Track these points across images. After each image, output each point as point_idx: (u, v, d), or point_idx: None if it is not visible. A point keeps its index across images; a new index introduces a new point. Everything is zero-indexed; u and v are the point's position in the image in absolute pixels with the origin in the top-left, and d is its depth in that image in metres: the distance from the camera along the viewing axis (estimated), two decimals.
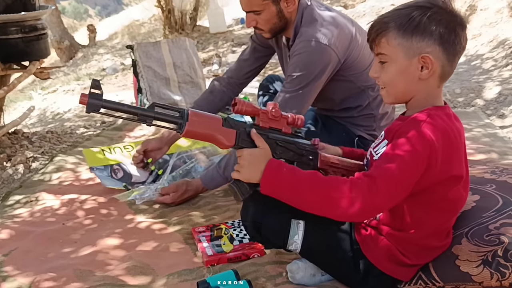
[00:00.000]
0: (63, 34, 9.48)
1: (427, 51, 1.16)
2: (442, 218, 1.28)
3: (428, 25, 1.15)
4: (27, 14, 2.91)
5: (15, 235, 1.92)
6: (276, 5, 1.80)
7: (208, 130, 1.24)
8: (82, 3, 45.01)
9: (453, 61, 1.19)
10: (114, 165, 2.27)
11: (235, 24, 9.00)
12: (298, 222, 1.34)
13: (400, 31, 1.16)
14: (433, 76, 1.19)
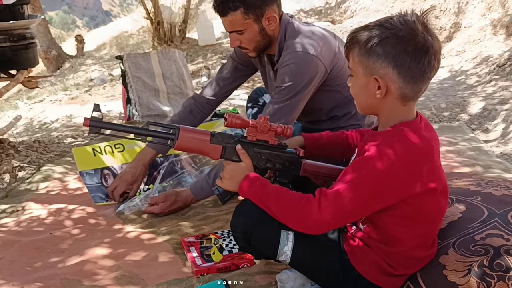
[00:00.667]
0: (51, 44, 9.44)
1: (381, 73, 1.18)
2: (424, 229, 1.29)
3: (384, 47, 1.16)
4: (16, 23, 2.92)
5: (0, 244, 1.89)
6: (258, 24, 1.84)
7: (196, 146, 1.44)
8: (70, 14, 44.91)
9: (414, 84, 1.19)
10: (105, 170, 2.26)
11: (224, 37, 9.06)
12: (288, 233, 1.35)
13: (362, 49, 1.20)
14: (390, 97, 1.21)
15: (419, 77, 1.18)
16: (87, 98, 5.87)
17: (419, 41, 1.16)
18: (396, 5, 7.32)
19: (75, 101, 5.77)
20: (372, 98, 1.22)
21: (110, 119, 4.27)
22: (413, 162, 1.18)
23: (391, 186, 1.18)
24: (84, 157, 2.27)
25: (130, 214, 2.07)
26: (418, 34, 1.16)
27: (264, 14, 1.83)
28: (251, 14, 1.81)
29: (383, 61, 1.17)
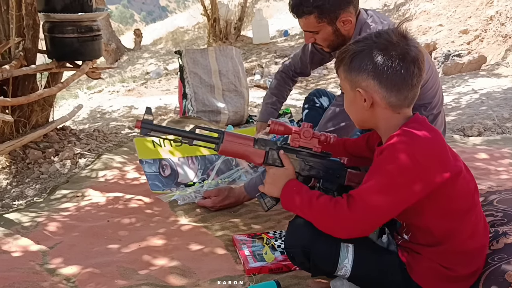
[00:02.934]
0: (111, 37, 9.77)
1: (363, 85, 1.24)
2: (465, 216, 1.25)
3: (362, 61, 1.22)
4: (84, 15, 3.01)
5: (61, 227, 1.96)
6: (332, 25, 1.83)
7: (239, 150, 1.46)
8: (129, 8, 46.31)
9: (397, 91, 1.22)
10: (163, 161, 2.30)
11: (279, 36, 9.06)
12: (347, 245, 1.32)
13: (346, 66, 1.27)
14: (379, 107, 1.25)
15: (400, 85, 1.22)
16: (143, 91, 6.04)
17: (395, 50, 1.21)
18: (459, 10, 7.05)
19: (132, 93, 5.95)
20: (362, 111, 1.27)
21: (166, 112, 4.37)
22: (430, 152, 1.19)
23: (414, 178, 1.17)
24: (144, 147, 2.32)
25: (183, 204, 2.10)
26: (393, 43, 1.22)
27: (339, 17, 1.81)
28: (324, 18, 1.81)
29: (363, 74, 1.23)
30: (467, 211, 1.25)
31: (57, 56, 3.06)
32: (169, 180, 2.27)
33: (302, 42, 8.20)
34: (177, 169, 2.29)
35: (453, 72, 5.61)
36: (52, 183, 2.56)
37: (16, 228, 1.95)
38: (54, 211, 2.13)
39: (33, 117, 3.05)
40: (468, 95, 4.41)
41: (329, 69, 6.07)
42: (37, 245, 1.81)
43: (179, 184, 2.26)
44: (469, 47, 6.18)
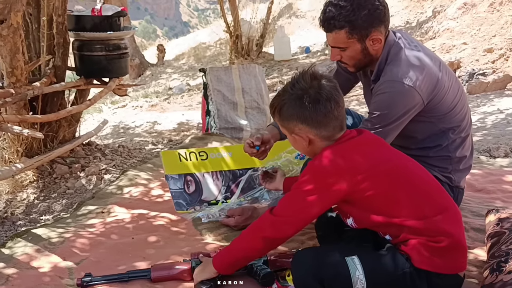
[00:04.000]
0: (135, 52, 9.95)
1: (295, 130, 1.44)
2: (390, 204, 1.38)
3: (287, 111, 1.43)
4: (112, 34, 3.08)
5: (87, 244, 1.99)
6: (362, 43, 1.79)
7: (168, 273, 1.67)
8: (152, 24, 47.15)
9: (324, 126, 1.41)
10: (188, 176, 2.31)
11: (300, 52, 9.11)
12: (352, 258, 1.37)
13: (277, 117, 1.48)
14: (316, 142, 1.43)
15: (325, 121, 1.40)
16: (166, 106, 6.12)
17: (309, 96, 1.39)
18: (483, 28, 6.99)
19: (155, 108, 6.04)
20: (306, 148, 1.46)
21: (188, 128, 4.42)
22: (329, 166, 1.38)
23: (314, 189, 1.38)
24: (171, 161, 2.33)
25: (207, 221, 2.11)
26: (307, 90, 1.40)
27: (369, 35, 1.78)
28: (355, 34, 1.77)
29: (292, 121, 1.43)
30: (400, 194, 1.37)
31: (86, 73, 3.13)
32: (193, 198, 2.28)
33: (324, 59, 8.23)
34: (202, 186, 2.30)
35: (478, 91, 5.55)
36: (78, 198, 2.60)
37: (44, 243, 1.99)
38: (81, 227, 2.16)
39: (60, 132, 3.11)
40: (493, 115, 4.35)
41: None
42: (64, 261, 1.84)
43: (203, 202, 2.27)
44: (494, 66, 6.10)
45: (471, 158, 2.04)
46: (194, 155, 2.37)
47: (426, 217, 1.36)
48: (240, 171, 2.37)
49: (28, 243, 2.00)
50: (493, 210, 1.86)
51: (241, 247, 1.49)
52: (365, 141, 1.45)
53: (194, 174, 2.32)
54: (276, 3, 11.91)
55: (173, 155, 2.36)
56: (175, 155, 2.35)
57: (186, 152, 2.38)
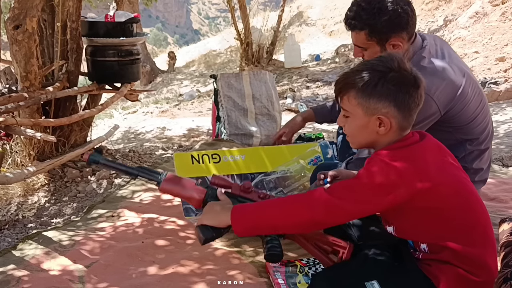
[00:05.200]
0: (146, 59, 10.04)
1: (383, 112, 1.29)
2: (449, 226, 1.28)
3: (384, 89, 1.28)
4: (125, 40, 3.11)
5: (97, 247, 2.00)
6: (381, 46, 1.80)
7: (182, 195, 1.49)
8: (163, 31, 47.59)
9: (409, 116, 1.32)
10: (199, 179, 2.29)
11: (310, 60, 9.12)
12: (371, 283, 1.29)
13: (359, 92, 1.30)
14: (391, 131, 1.31)
15: (413, 109, 1.32)
16: (176, 112, 6.15)
17: (411, 78, 1.30)
18: (495, 37, 6.96)
19: (165, 114, 6.07)
20: (372, 135, 1.33)
21: (198, 134, 4.43)
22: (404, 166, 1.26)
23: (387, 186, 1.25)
24: (184, 163, 2.31)
25: None
26: (408, 72, 1.30)
27: (389, 40, 1.79)
28: (374, 37, 1.79)
29: (385, 101, 1.29)
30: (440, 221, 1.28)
31: (98, 78, 3.16)
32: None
33: (334, 67, 8.24)
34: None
35: (490, 100, 5.51)
36: (89, 202, 2.62)
37: (55, 246, 2.00)
38: (91, 230, 2.17)
39: (72, 136, 3.14)
40: (506, 124, 4.32)
41: None
42: (74, 264, 1.85)
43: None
44: (506, 74, 6.06)
45: (487, 171, 2.01)
46: (207, 157, 2.35)
47: (475, 246, 1.28)
48: (252, 175, 2.36)
49: (39, 245, 2.02)
50: (506, 219, 1.83)
51: (275, 215, 1.32)
52: (430, 147, 1.35)
53: (206, 178, 2.31)
54: (287, 11, 11.97)
55: (186, 157, 2.34)
56: (187, 157, 2.34)
57: (199, 154, 2.36)
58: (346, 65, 7.70)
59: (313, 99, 5.96)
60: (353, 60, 7.91)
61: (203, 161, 2.32)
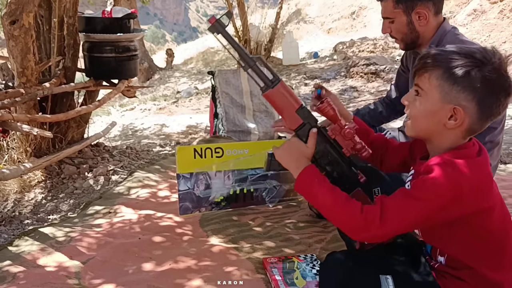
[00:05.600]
0: (144, 56, 10.01)
1: (462, 104, 1.15)
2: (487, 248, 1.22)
3: (474, 80, 1.13)
4: (122, 36, 3.10)
5: (94, 243, 1.99)
6: (407, 16, 1.85)
7: (282, 104, 1.34)
8: (161, 29, 47.52)
9: (484, 122, 1.18)
10: (200, 175, 2.29)
11: (308, 57, 9.11)
12: (386, 277, 1.28)
13: (446, 74, 1.15)
14: (459, 129, 1.18)
15: (493, 116, 1.18)
16: (174, 109, 6.14)
17: (505, 82, 1.15)
18: (493, 35, 6.96)
19: (163, 111, 6.06)
20: (436, 125, 1.19)
21: (196, 131, 4.42)
22: (475, 181, 1.14)
23: (450, 203, 1.14)
24: (186, 157, 2.28)
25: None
26: (504, 75, 1.15)
27: (415, 8, 1.83)
28: (401, 4, 1.84)
29: (470, 94, 1.14)
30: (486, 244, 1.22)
31: (95, 74, 3.15)
32: (201, 199, 2.27)
33: (332, 64, 8.23)
34: (212, 186, 2.28)
35: None
36: (86, 199, 2.61)
37: (51, 242, 1.99)
38: (87, 227, 2.16)
39: (69, 133, 3.13)
40: None
41: (359, 91, 6.05)
42: (70, 260, 1.84)
43: (211, 203, 2.27)
44: None
45: (495, 170, 2.00)
46: (210, 151, 2.31)
47: (499, 271, 1.22)
48: (254, 170, 2.35)
49: (35, 241, 2.01)
50: None
51: (327, 210, 1.25)
52: (488, 161, 1.22)
53: (206, 173, 2.30)
54: (285, 9, 11.94)
55: (189, 151, 2.31)
56: (190, 151, 2.30)
57: (202, 148, 2.32)
58: (344, 62, 7.68)
59: (311, 96, 5.95)
60: (351, 58, 7.90)
61: (205, 156, 2.30)
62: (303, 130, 1.35)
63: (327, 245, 1.95)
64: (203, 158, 2.29)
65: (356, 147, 1.35)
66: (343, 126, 1.33)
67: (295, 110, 1.34)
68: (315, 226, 2.14)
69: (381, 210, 1.16)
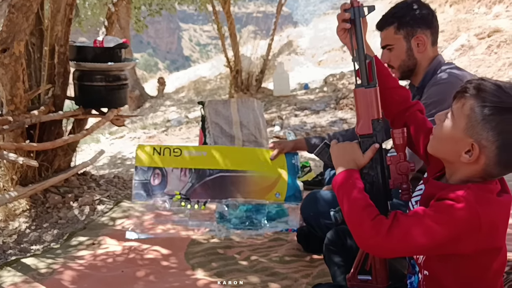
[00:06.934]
0: (135, 84, 10.06)
1: (482, 143, 1.09)
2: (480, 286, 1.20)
3: (503, 125, 1.07)
4: (113, 65, 3.11)
5: (76, 276, 1.95)
6: (407, 42, 1.92)
7: (363, 107, 1.34)
8: (154, 57, 47.97)
9: (503, 169, 1.12)
10: (157, 169, 2.35)
11: (299, 88, 9.21)
12: None
13: (479, 107, 1.09)
14: (473, 166, 1.12)
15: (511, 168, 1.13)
16: (164, 138, 6.13)
17: None
18: (481, 70, 7.11)
19: (152, 140, 6.04)
20: (454, 155, 1.15)
21: None
22: (492, 218, 1.11)
23: (466, 235, 1.10)
24: (145, 154, 2.38)
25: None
26: None
27: (415, 35, 1.90)
28: (402, 30, 1.91)
29: (493, 136, 1.08)
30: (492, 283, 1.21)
31: (84, 103, 3.14)
32: (156, 189, 2.31)
33: (322, 95, 8.33)
34: (167, 179, 2.35)
35: None
36: (70, 229, 2.56)
37: (33, 274, 1.95)
38: (70, 258, 2.12)
39: (56, 161, 3.10)
40: None
41: (349, 123, 6.10)
42: None
43: (165, 194, 2.31)
44: None
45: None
46: (168, 151, 2.42)
47: None
48: (210, 171, 2.39)
49: (17, 272, 1.97)
50: None
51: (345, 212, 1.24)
52: (508, 206, 1.18)
53: (163, 168, 2.34)
54: (277, 40, 12.14)
55: (147, 148, 2.41)
56: (149, 149, 2.40)
57: (162, 147, 2.43)
58: (334, 94, 7.77)
59: (301, 127, 5.99)
60: (341, 90, 8.00)
61: (164, 154, 2.36)
62: (367, 141, 1.34)
63: (313, 280, 1.92)
64: (161, 156, 2.35)
65: (402, 185, 1.33)
66: (404, 159, 1.32)
67: (372, 118, 1.34)
68: (302, 260, 2.11)
69: (392, 223, 1.14)
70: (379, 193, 1.35)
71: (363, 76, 1.34)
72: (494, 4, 10.23)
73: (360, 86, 1.34)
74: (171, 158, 2.41)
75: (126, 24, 10.46)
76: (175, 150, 2.44)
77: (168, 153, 2.42)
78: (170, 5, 11.15)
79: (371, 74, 1.34)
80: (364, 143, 1.34)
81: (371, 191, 1.32)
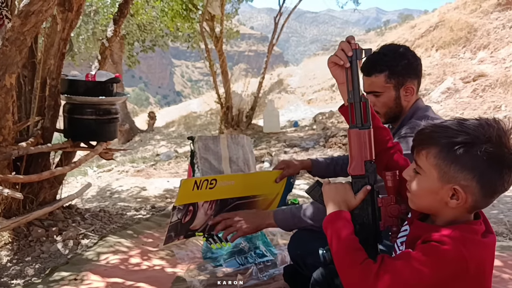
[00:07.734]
0: (125, 118, 10.07)
1: (462, 184, 1.10)
2: None
3: (473, 160, 1.08)
4: (104, 99, 3.12)
5: None
6: (396, 91, 1.89)
7: (356, 148, 1.35)
8: (145, 91, 48.32)
9: (490, 198, 1.14)
10: (191, 206, 2.14)
11: (289, 126, 9.29)
12: None
13: (442, 153, 1.11)
14: (463, 206, 1.14)
15: (498, 193, 1.13)
16: (152, 172, 6.09)
17: (507, 158, 1.09)
18: (466, 112, 7.26)
19: (140, 173, 6.00)
20: (439, 204, 1.15)
21: (173, 196, 4.37)
22: (479, 260, 1.11)
23: (453, 278, 1.09)
24: (186, 190, 2.13)
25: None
26: (506, 150, 1.10)
27: (405, 84, 1.88)
28: (393, 79, 1.87)
29: (469, 173, 1.09)
30: None
31: (74, 136, 3.13)
32: (183, 227, 2.16)
33: (311, 133, 8.40)
34: (197, 215, 2.18)
35: None
36: (52, 264, 2.50)
37: None
38: None
39: (41, 194, 3.05)
40: None
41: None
42: None
43: (189, 230, 2.18)
44: None
45: None
46: (206, 183, 2.19)
47: None
48: (231, 200, 2.28)
49: None
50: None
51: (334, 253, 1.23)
52: (492, 247, 1.18)
53: (196, 204, 2.20)
54: (267, 79, 12.34)
55: (190, 183, 2.16)
56: (191, 183, 2.15)
57: (202, 179, 2.20)
58: (323, 132, 7.85)
59: None
60: (330, 128, 8.09)
61: (201, 187, 2.21)
62: (360, 182, 1.35)
63: None
64: (199, 190, 2.21)
65: (392, 228, 1.34)
66: (395, 202, 1.33)
67: (365, 159, 1.35)
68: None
69: (379, 267, 1.13)
70: (369, 234, 1.34)
71: (357, 117, 1.35)
72: (479, 50, 10.56)
73: (354, 127, 1.35)
74: (206, 191, 2.20)
75: (119, 59, 10.59)
76: (211, 182, 2.24)
77: (205, 186, 2.19)
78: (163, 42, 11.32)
79: (366, 115, 1.36)
80: (356, 183, 1.35)
81: (361, 232, 1.32)
